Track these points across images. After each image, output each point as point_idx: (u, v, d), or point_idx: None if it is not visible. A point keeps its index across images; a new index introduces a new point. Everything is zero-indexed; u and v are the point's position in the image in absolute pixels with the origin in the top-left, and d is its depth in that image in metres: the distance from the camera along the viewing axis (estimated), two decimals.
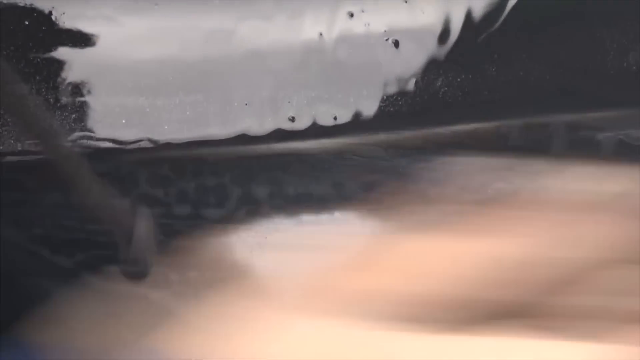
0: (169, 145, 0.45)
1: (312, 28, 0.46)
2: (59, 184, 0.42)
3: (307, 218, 0.46)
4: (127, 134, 0.44)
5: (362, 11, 0.47)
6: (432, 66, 0.47)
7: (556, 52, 0.48)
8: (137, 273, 0.41)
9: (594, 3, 0.49)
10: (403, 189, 0.42)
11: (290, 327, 0.37)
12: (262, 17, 0.46)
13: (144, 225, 0.40)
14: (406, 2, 0.47)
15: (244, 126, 0.46)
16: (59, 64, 0.44)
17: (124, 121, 0.44)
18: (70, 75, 0.44)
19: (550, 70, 0.47)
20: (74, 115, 0.44)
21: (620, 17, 0.48)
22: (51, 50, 0.44)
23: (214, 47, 0.46)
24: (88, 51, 0.44)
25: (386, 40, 0.47)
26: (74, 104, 0.44)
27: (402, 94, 0.47)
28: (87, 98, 0.44)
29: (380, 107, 0.46)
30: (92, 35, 0.44)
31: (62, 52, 0.44)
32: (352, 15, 0.47)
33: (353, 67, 0.46)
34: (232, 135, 0.46)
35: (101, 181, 0.40)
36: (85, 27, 0.44)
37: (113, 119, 0.44)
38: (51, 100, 0.44)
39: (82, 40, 0.44)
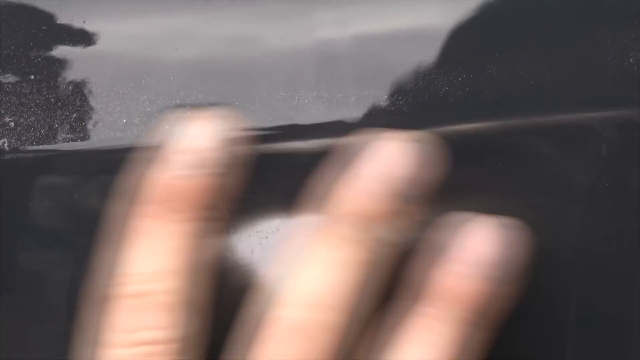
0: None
1: (311, 28, 0.46)
2: None
3: (308, 217, 0.46)
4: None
5: (363, 10, 0.47)
6: (433, 65, 0.47)
7: (556, 52, 0.48)
8: None
9: (594, 3, 0.49)
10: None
11: None
12: (263, 16, 0.46)
13: None
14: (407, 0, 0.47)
15: (244, 125, 0.46)
16: (60, 64, 0.44)
17: (124, 120, 0.44)
18: (71, 74, 0.44)
19: (551, 70, 0.47)
20: (74, 115, 0.44)
21: (620, 17, 0.48)
22: (52, 50, 0.44)
23: (215, 46, 0.46)
24: (89, 50, 0.44)
25: (386, 40, 0.47)
26: (74, 103, 0.44)
27: (402, 93, 0.47)
28: (87, 97, 0.44)
29: (381, 107, 0.46)
30: (93, 34, 0.44)
31: (63, 52, 0.44)
32: (352, 14, 0.47)
33: (354, 67, 0.46)
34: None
35: None
36: (86, 26, 0.44)
37: (114, 118, 0.44)
38: (52, 99, 0.44)
39: (83, 39, 0.44)
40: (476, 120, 0.47)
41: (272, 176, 0.46)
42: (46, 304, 0.44)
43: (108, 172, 0.43)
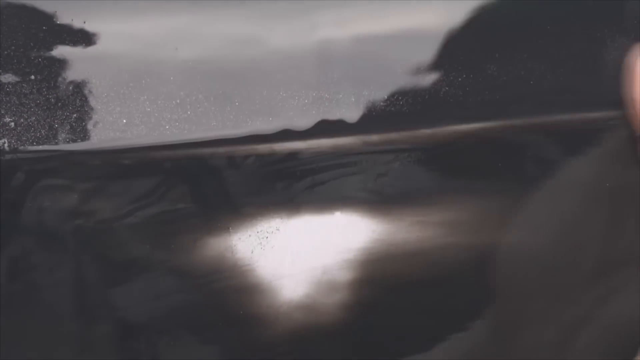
0: (170, 146, 0.45)
1: (311, 28, 0.46)
2: None
3: (308, 218, 0.46)
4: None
5: (363, 11, 0.47)
6: (433, 66, 0.47)
7: (556, 52, 0.48)
8: None
9: (594, 3, 0.49)
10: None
11: None
12: (263, 17, 0.46)
13: None
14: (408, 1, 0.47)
15: (244, 126, 0.46)
16: (60, 64, 0.44)
17: (124, 121, 0.44)
18: (71, 74, 0.44)
19: (550, 70, 0.47)
20: (75, 115, 0.44)
21: (620, 17, 0.48)
22: (52, 50, 0.44)
23: (215, 46, 0.46)
24: (89, 50, 0.44)
25: (386, 40, 0.47)
26: (75, 103, 0.44)
27: (402, 93, 0.47)
28: (87, 97, 0.44)
29: (381, 106, 0.46)
30: (93, 34, 0.44)
31: (63, 52, 0.44)
32: (352, 14, 0.47)
33: (354, 67, 0.46)
34: (233, 135, 0.46)
35: None
36: (86, 26, 0.44)
37: (114, 118, 0.44)
38: (52, 99, 0.44)
39: (83, 39, 0.44)
40: (476, 120, 0.47)
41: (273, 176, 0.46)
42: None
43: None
